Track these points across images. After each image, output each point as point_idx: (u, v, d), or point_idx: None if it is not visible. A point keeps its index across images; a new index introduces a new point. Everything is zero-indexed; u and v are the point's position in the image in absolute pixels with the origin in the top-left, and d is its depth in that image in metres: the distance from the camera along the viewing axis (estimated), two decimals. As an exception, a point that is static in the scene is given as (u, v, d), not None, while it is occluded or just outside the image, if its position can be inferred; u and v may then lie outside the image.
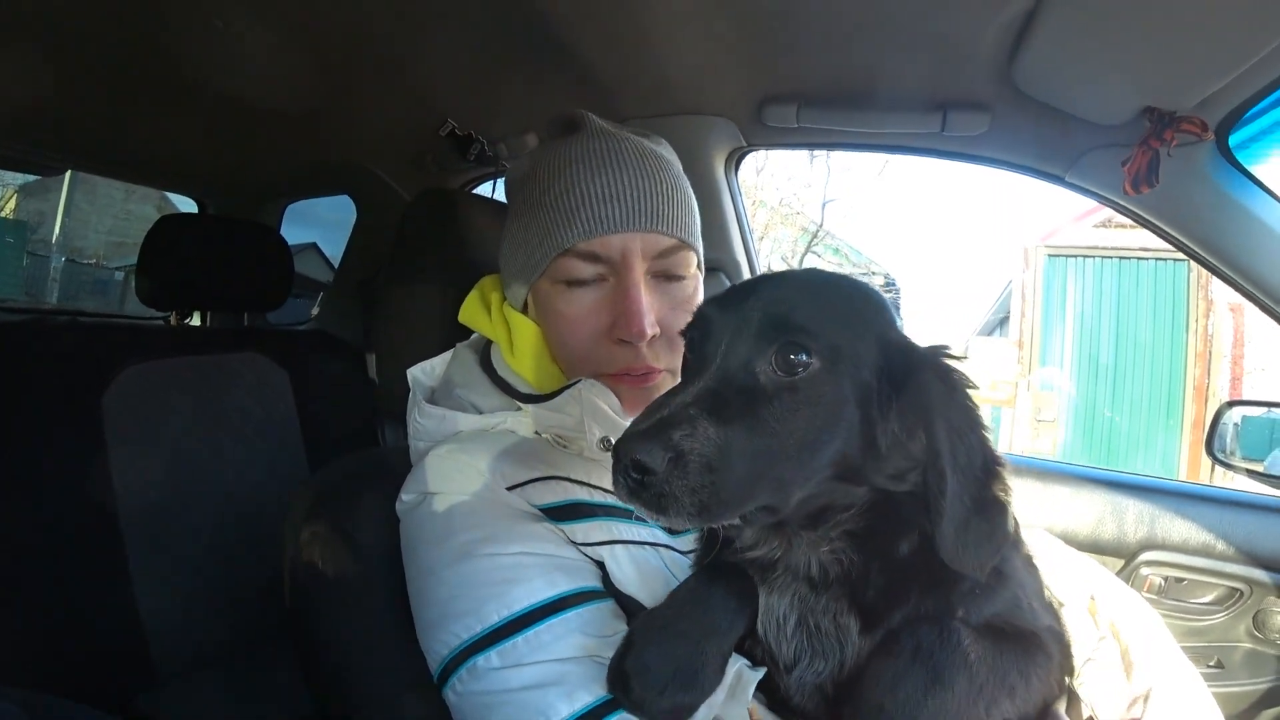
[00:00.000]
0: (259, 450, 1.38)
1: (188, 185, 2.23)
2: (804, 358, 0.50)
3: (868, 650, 0.53)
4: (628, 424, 0.71)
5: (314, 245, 4.87)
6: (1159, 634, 0.64)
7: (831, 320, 0.52)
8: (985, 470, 0.51)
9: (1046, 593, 0.65)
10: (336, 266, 2.21)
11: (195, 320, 1.97)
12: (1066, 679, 0.63)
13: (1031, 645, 0.56)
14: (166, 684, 1.15)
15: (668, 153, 0.83)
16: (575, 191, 0.74)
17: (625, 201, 0.74)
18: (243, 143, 1.67)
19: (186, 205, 2.40)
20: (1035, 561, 0.63)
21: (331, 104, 1.41)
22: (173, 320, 1.62)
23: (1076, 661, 0.64)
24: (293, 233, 2.12)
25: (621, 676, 0.54)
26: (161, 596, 1.16)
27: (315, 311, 2.73)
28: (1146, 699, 0.59)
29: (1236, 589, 1.15)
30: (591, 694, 0.59)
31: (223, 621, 1.24)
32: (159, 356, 1.29)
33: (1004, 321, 9.04)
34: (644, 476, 0.47)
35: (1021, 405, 7.04)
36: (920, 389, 0.51)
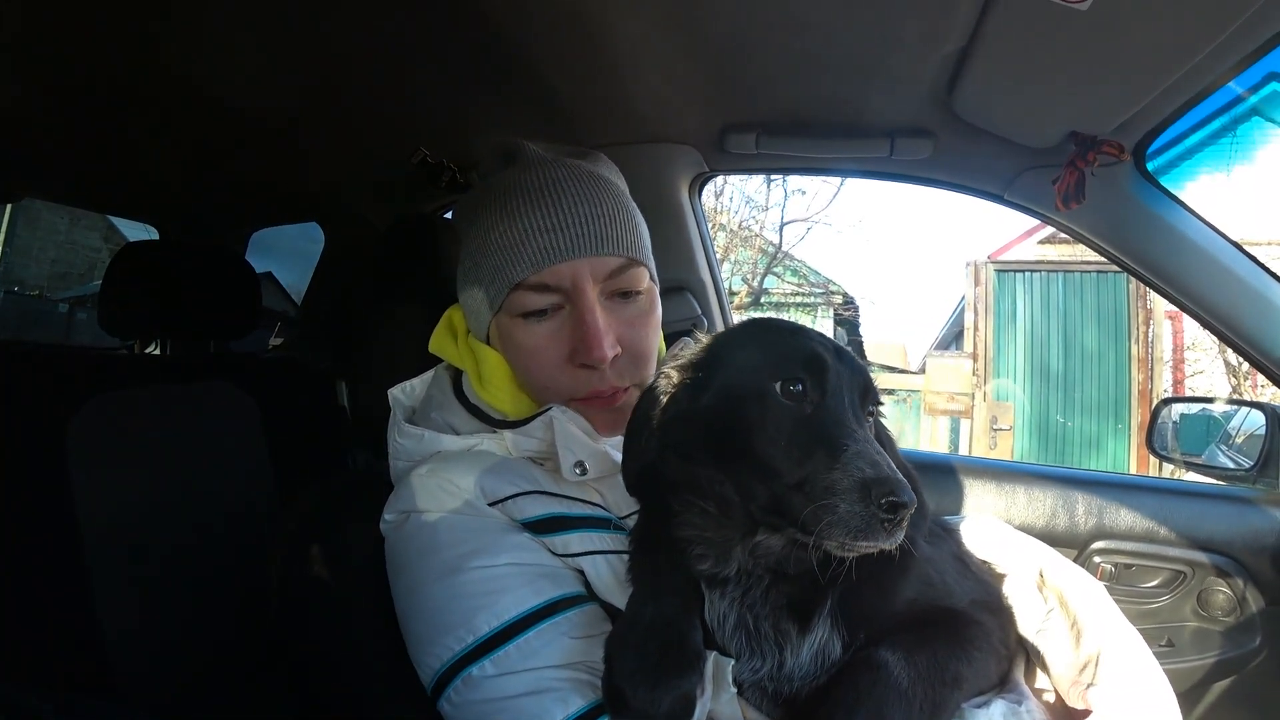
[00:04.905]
0: (228, 479, 1.35)
1: (148, 212, 2.19)
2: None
3: (807, 653, 0.58)
4: (602, 447, 0.74)
5: (269, 274, 4.82)
6: (1104, 601, 0.69)
7: None
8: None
9: (970, 555, 0.72)
10: (293, 296, 2.19)
11: (155, 350, 1.92)
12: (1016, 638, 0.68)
13: (961, 625, 0.61)
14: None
15: (608, 171, 0.84)
16: (518, 226, 0.75)
17: (568, 229, 0.74)
18: (208, 170, 1.65)
19: (135, 233, 2.34)
20: (941, 534, 0.70)
21: (302, 132, 1.41)
22: (136, 349, 1.58)
23: (1028, 633, 0.68)
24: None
25: (615, 693, 0.57)
26: (128, 629, 1.13)
27: (275, 341, 2.68)
28: (1096, 662, 0.63)
29: (1180, 571, 1.23)
30: (585, 698, 0.61)
31: (192, 655, 1.20)
32: (125, 385, 1.27)
33: (959, 336, 9.37)
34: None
35: (978, 415, 7.29)
36: None
